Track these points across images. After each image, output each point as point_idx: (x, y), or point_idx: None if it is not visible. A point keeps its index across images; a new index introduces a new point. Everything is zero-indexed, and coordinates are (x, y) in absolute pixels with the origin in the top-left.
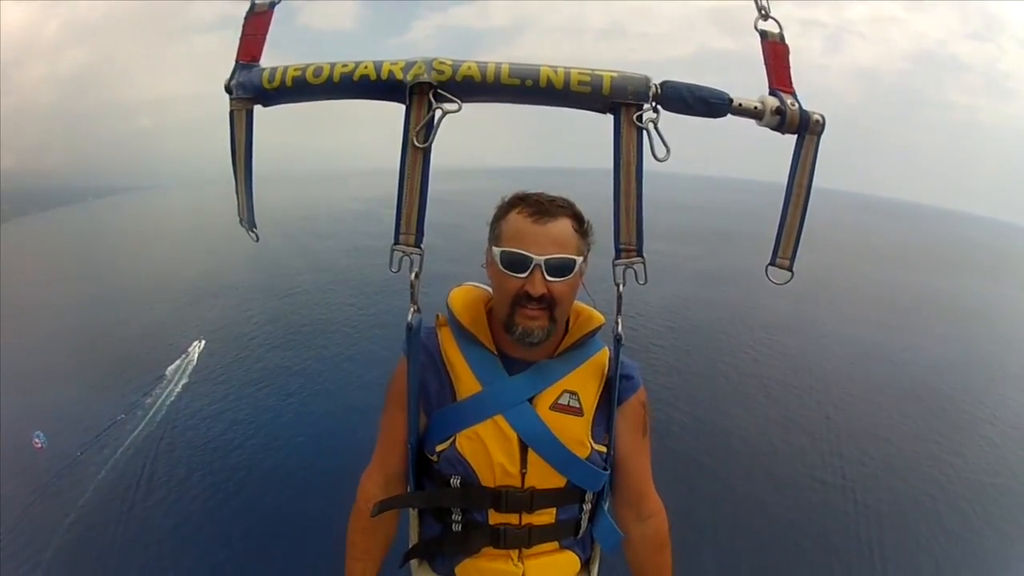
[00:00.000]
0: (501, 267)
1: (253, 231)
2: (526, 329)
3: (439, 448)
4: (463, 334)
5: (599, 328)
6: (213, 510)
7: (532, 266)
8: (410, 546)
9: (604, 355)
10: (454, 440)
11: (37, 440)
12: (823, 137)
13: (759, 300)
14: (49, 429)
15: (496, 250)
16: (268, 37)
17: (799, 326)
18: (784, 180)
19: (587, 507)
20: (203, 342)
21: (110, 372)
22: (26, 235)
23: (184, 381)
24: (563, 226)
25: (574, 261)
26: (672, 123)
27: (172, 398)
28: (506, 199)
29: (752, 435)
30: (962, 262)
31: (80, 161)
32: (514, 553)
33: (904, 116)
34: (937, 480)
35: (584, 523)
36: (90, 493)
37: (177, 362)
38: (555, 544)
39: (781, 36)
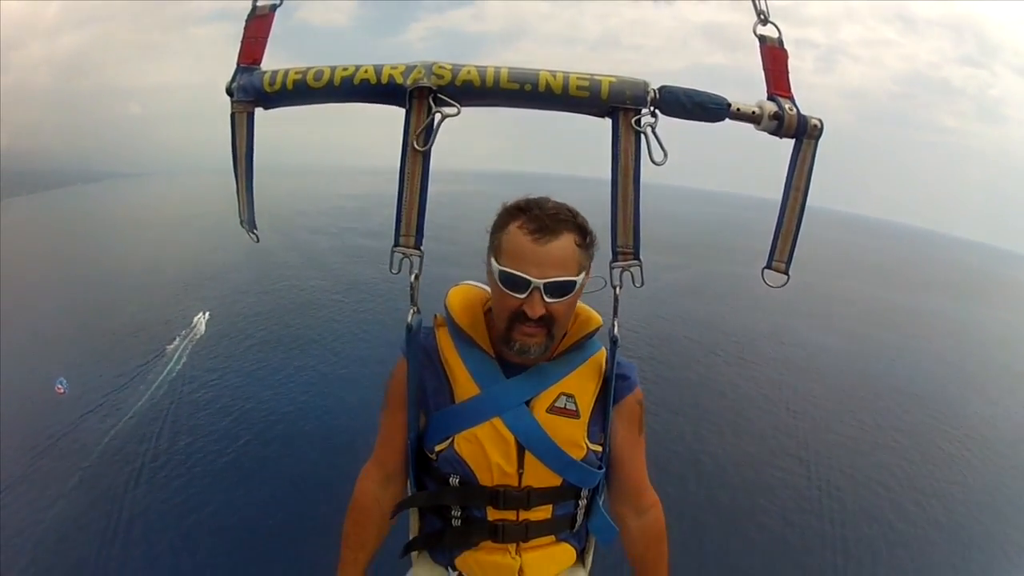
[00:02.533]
0: (500, 285)
1: (254, 232)
2: (523, 346)
3: (438, 448)
4: (461, 336)
5: (597, 330)
6: (217, 473)
7: (531, 288)
8: (410, 538)
9: (602, 356)
10: (452, 441)
11: (60, 386)
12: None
13: (736, 311)
14: (51, 398)
15: (495, 267)
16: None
17: (772, 333)
18: (773, 196)
19: (583, 503)
20: (207, 314)
21: (109, 348)
22: (19, 216)
23: (184, 360)
24: (565, 244)
25: (574, 282)
26: (665, 135)
27: (173, 375)
28: (507, 206)
29: (707, 438)
30: (943, 282)
31: (71, 144)
32: (512, 546)
33: (895, 138)
34: (884, 482)
35: (580, 518)
36: (96, 455)
37: (176, 340)
38: (552, 537)
39: (780, 41)
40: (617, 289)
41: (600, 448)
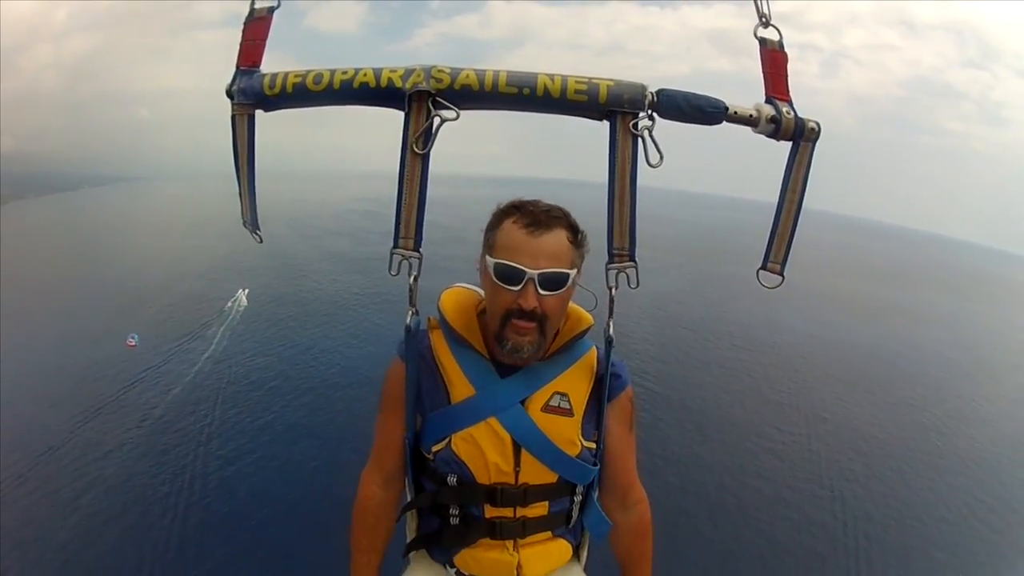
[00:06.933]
0: (494, 279)
1: (257, 233)
2: (516, 345)
3: (435, 448)
4: (455, 337)
5: (588, 329)
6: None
7: (525, 279)
8: (409, 539)
9: (593, 355)
10: (449, 441)
11: (132, 340)
12: (816, 150)
13: (731, 306)
14: (86, 388)
15: (490, 260)
16: (268, 41)
17: (765, 325)
18: (765, 199)
19: (578, 499)
20: (247, 289)
21: (148, 334)
22: (25, 218)
23: (223, 342)
24: (558, 238)
25: (567, 275)
26: (663, 140)
27: (220, 349)
28: (501, 206)
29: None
30: (942, 283)
31: (77, 148)
32: (509, 543)
33: (898, 142)
34: (861, 450)
35: (575, 514)
36: (159, 411)
37: (213, 328)
38: (548, 533)
39: (780, 44)
40: (613, 290)
41: (594, 445)
